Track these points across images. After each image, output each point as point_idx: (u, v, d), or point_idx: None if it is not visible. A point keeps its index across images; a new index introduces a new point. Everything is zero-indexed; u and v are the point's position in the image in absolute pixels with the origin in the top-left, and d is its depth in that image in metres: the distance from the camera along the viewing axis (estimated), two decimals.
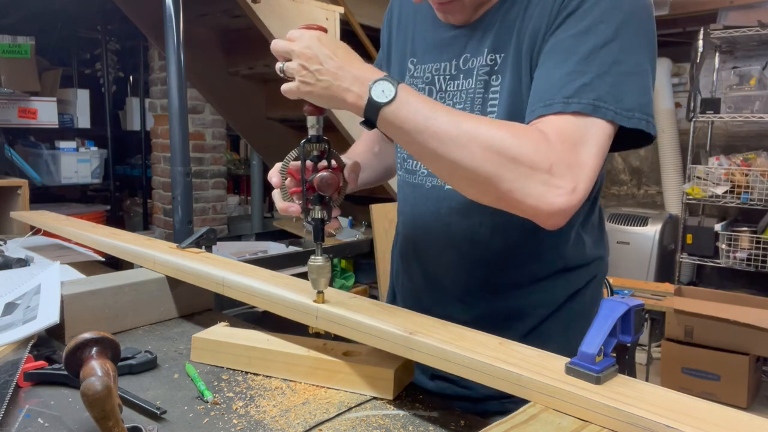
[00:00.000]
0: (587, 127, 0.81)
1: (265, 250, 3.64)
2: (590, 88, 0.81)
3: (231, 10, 2.99)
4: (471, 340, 0.84)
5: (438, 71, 1.02)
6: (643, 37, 0.85)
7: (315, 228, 0.95)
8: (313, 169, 0.92)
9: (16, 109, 4.04)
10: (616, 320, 0.75)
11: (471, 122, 0.81)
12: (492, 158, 0.78)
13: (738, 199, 3.67)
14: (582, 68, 0.82)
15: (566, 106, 0.81)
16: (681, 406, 0.68)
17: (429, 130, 0.80)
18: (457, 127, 0.80)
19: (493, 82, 0.95)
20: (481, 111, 0.96)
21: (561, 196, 0.78)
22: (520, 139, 0.79)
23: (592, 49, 0.82)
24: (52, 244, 1.88)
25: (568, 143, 0.80)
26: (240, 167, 5.85)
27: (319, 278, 0.95)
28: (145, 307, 1.22)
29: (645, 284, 3.51)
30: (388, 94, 0.80)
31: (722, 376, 3.14)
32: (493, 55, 0.95)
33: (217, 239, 1.62)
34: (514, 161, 0.78)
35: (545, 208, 0.78)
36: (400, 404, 0.90)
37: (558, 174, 0.78)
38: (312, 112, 0.92)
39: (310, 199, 0.93)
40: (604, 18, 0.83)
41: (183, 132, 2.34)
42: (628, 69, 0.83)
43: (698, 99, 3.79)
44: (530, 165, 0.78)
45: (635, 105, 0.82)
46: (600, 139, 0.81)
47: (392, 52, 1.14)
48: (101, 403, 0.70)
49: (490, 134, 0.79)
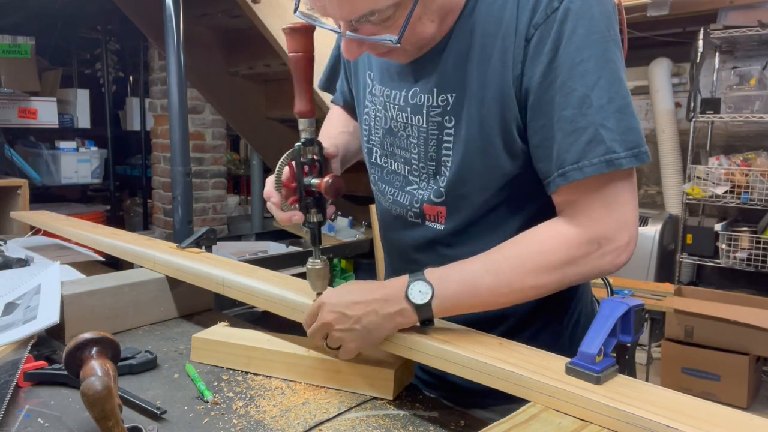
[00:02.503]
0: (609, 186, 0.82)
1: (265, 250, 3.64)
2: (596, 142, 0.79)
3: (231, 10, 2.99)
4: (471, 340, 0.84)
5: (388, 98, 0.97)
6: (617, 53, 0.81)
7: (312, 232, 0.95)
8: (307, 173, 0.91)
9: (16, 109, 4.04)
10: (616, 320, 0.75)
11: (509, 263, 0.84)
12: (547, 277, 0.83)
13: (738, 199, 3.67)
14: (581, 123, 0.79)
15: (579, 173, 0.80)
16: (681, 406, 0.68)
17: (481, 297, 0.84)
18: (503, 280, 0.83)
19: (446, 123, 0.90)
20: (435, 152, 0.92)
21: (621, 256, 0.83)
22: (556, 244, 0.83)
23: (582, 97, 0.79)
24: (52, 244, 1.88)
25: (603, 209, 0.82)
26: (240, 167, 5.85)
27: (318, 281, 0.95)
28: (145, 307, 1.22)
29: (645, 284, 3.51)
30: (425, 290, 0.83)
31: (722, 376, 3.14)
32: (444, 95, 0.89)
33: (217, 239, 1.62)
34: (567, 266, 0.83)
35: (612, 269, 0.84)
36: (400, 404, 0.90)
37: (606, 243, 0.82)
38: (304, 114, 0.91)
39: (308, 203, 0.92)
40: (584, 55, 0.79)
41: (183, 132, 2.34)
42: (621, 103, 0.79)
43: (698, 99, 3.78)
44: (581, 257, 0.83)
45: (637, 139, 0.80)
46: (624, 186, 0.83)
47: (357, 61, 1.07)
48: (101, 403, 0.70)
49: (532, 262, 0.83)
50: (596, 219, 0.82)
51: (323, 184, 0.88)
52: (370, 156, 1.05)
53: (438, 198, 0.95)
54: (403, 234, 1.03)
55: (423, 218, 0.98)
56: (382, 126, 1.01)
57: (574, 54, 0.79)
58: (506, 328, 0.97)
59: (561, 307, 1.01)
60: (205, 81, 3.64)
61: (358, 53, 0.86)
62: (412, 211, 0.99)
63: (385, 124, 1.00)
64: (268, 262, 2.99)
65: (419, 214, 0.98)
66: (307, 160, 0.91)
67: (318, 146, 0.93)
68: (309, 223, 0.94)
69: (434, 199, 0.95)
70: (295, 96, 0.92)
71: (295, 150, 0.91)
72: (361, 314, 0.84)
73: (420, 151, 0.95)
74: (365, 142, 1.06)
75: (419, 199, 0.97)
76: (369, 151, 1.05)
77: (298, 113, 0.91)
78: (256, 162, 4.99)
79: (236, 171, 5.80)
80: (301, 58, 0.89)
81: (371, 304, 0.84)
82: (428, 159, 0.94)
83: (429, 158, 0.94)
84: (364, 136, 1.06)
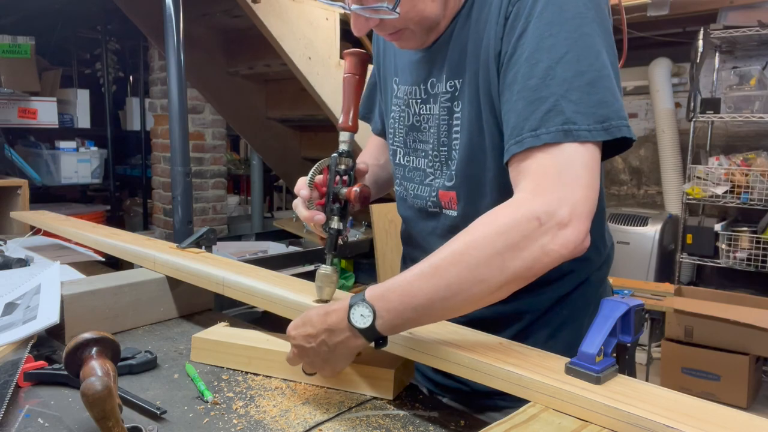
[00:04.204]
0: (563, 156, 0.77)
1: (265, 250, 3.64)
2: (555, 112, 0.77)
3: (231, 10, 2.99)
4: (471, 340, 0.84)
5: (410, 95, 1.03)
6: (598, 30, 0.80)
7: (330, 238, 0.98)
8: (338, 182, 0.98)
9: (16, 109, 4.03)
10: (616, 320, 0.75)
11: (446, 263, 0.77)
12: (490, 271, 0.76)
13: (738, 199, 3.67)
14: (542, 93, 0.78)
15: (536, 140, 0.78)
16: (681, 406, 0.68)
17: (423, 307, 0.78)
18: (441, 283, 0.77)
19: (455, 109, 0.94)
20: (447, 137, 0.96)
21: (563, 233, 0.75)
22: (493, 229, 0.77)
23: (546, 69, 0.78)
24: (52, 244, 1.88)
25: (547, 181, 0.77)
26: (240, 167, 5.85)
27: (325, 287, 0.98)
28: (145, 307, 1.22)
29: (645, 284, 3.51)
30: (366, 314, 0.79)
31: (722, 376, 3.14)
32: (453, 81, 0.94)
33: (217, 239, 1.62)
34: (507, 251, 0.75)
35: (562, 251, 0.76)
36: (400, 404, 0.90)
37: (547, 219, 0.75)
38: (347, 129, 0.99)
39: (333, 209, 0.97)
40: (553, 30, 0.79)
41: (183, 132, 2.34)
42: (592, 77, 0.78)
43: (698, 99, 3.78)
44: (521, 239, 0.75)
45: (609, 113, 0.78)
46: (580, 161, 0.77)
47: (385, 66, 1.14)
48: (101, 403, 0.70)
49: (469, 257, 0.76)
50: (539, 193, 0.77)
51: (352, 192, 0.96)
52: (395, 157, 1.10)
53: (450, 182, 0.97)
54: (425, 225, 1.05)
55: (440, 206, 1.01)
56: (405, 124, 1.05)
57: (543, 29, 0.79)
58: (522, 327, 0.98)
59: (581, 303, 1.01)
60: (205, 81, 3.64)
61: (365, 29, 0.89)
62: (431, 201, 1.02)
63: (408, 121, 1.04)
64: (268, 262, 2.99)
65: (437, 202, 1.01)
66: (341, 170, 0.99)
67: (352, 159, 1.00)
68: (330, 228, 0.98)
69: (447, 184, 0.98)
70: (342, 112, 1.02)
71: (333, 158, 0.99)
72: (315, 345, 0.84)
73: (434, 140, 0.98)
74: (390, 145, 1.11)
75: (436, 187, 1.00)
76: (393, 153, 1.10)
77: (342, 128, 1.01)
78: (256, 162, 4.99)
79: (236, 171, 5.80)
80: (355, 79, 1.01)
81: (320, 335, 0.84)
82: (440, 145, 0.97)
83: (441, 144, 0.97)
84: (389, 140, 1.11)
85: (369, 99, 1.26)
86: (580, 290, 1.01)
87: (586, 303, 1.01)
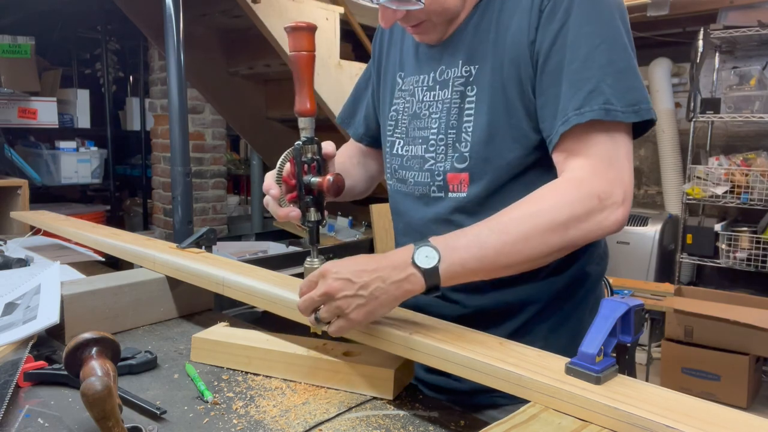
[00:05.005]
0: (610, 142, 0.87)
1: (265, 250, 3.64)
2: (597, 93, 0.86)
3: (231, 10, 2.99)
4: (471, 340, 0.84)
5: (417, 83, 1.06)
6: (623, 30, 0.90)
7: (311, 231, 0.95)
8: (306, 171, 0.93)
9: (16, 109, 4.03)
10: (616, 320, 0.75)
11: (515, 223, 0.84)
12: (553, 236, 0.84)
13: (738, 199, 3.67)
14: (584, 74, 0.87)
15: (580, 117, 0.86)
16: (681, 406, 0.68)
17: (489, 259, 0.84)
18: (509, 239, 0.84)
19: (468, 93, 0.97)
20: (457, 120, 0.98)
21: (617, 211, 0.86)
22: (560, 200, 0.85)
23: (586, 54, 0.88)
24: (52, 244, 1.88)
25: (602, 164, 0.86)
26: (240, 167, 5.85)
27: None
28: (145, 307, 1.22)
29: (645, 284, 3.51)
30: (432, 255, 0.82)
31: (722, 376, 3.14)
32: (468, 66, 0.98)
33: (217, 239, 1.62)
34: (572, 222, 0.84)
35: (612, 228, 0.87)
36: (400, 404, 0.90)
37: (605, 197, 0.85)
38: (304, 112, 0.92)
39: (307, 201, 0.93)
40: (591, 21, 0.88)
41: (183, 132, 2.34)
42: (622, 65, 0.88)
43: (698, 99, 3.78)
44: (584, 213, 0.84)
45: (638, 98, 0.87)
46: (622, 144, 0.88)
47: (387, 66, 1.16)
48: (101, 403, 0.70)
49: (537, 220, 0.84)
50: (594, 173, 0.86)
51: (325, 182, 0.90)
52: (392, 149, 1.11)
53: (461, 164, 0.98)
54: (426, 212, 1.05)
55: (446, 190, 1.01)
56: (408, 114, 1.07)
57: (582, 20, 0.89)
58: (523, 320, 1.00)
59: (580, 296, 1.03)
60: (205, 81, 3.64)
61: (392, 20, 0.96)
62: (435, 185, 1.02)
63: (411, 110, 1.07)
64: (268, 262, 2.99)
65: (443, 186, 1.01)
66: (307, 159, 0.93)
67: (317, 146, 0.94)
68: (308, 221, 0.95)
69: (457, 165, 0.99)
70: (296, 95, 0.92)
71: (296, 148, 0.93)
72: (368, 280, 0.81)
73: (441, 123, 1.00)
74: (389, 137, 1.12)
75: (441, 171, 1.01)
76: (391, 145, 1.11)
77: (299, 112, 0.92)
78: (256, 162, 4.99)
79: (236, 171, 5.79)
80: (302, 56, 0.90)
81: (378, 271, 0.81)
82: (449, 128, 0.99)
83: (450, 126, 0.99)
84: (388, 132, 1.12)
85: (353, 104, 1.27)
86: (580, 283, 1.02)
87: (586, 297, 1.03)
